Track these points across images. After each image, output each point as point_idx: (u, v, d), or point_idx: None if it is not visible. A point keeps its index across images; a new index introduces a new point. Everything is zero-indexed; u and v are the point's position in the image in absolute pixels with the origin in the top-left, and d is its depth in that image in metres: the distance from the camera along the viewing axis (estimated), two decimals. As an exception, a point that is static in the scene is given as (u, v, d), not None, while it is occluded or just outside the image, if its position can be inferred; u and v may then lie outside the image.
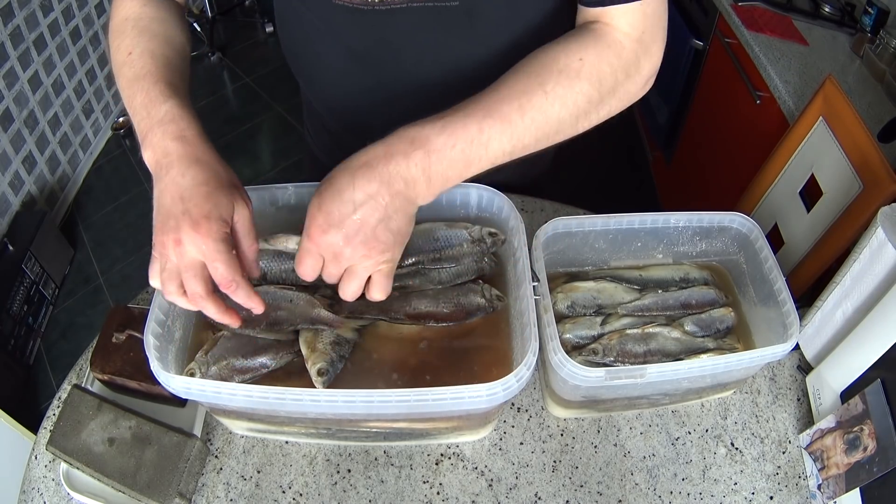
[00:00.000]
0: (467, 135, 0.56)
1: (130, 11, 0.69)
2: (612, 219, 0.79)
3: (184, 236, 0.54)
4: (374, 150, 0.56)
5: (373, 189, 0.55)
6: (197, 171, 0.56)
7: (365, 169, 0.55)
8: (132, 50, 0.65)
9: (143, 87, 0.61)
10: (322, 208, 0.56)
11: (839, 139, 1.00)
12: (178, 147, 0.57)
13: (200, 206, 0.55)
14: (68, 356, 2.03)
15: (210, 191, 0.56)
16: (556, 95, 0.58)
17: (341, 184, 0.55)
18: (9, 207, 2.11)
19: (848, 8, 1.66)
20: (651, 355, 0.76)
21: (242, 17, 3.41)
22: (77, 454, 0.70)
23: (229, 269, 0.55)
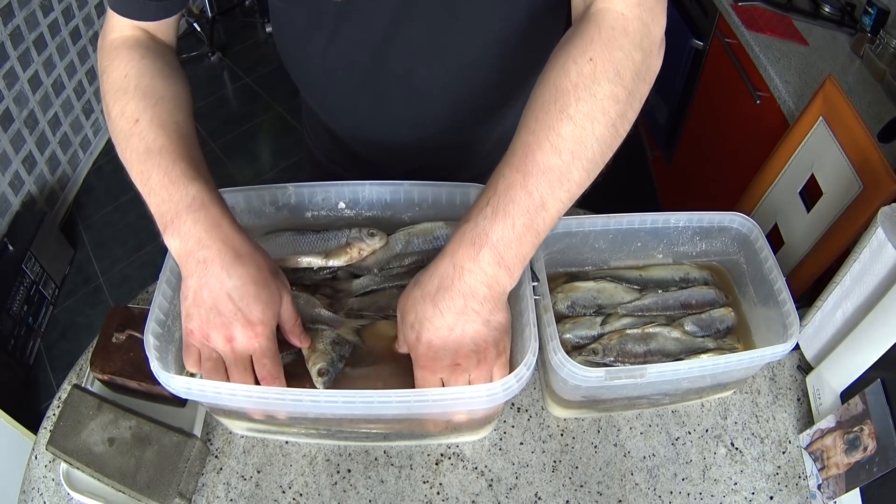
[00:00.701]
0: (520, 207, 0.52)
1: (130, 68, 0.63)
2: (612, 219, 0.79)
3: (237, 335, 0.56)
4: (441, 268, 0.56)
5: (459, 306, 0.55)
6: (241, 269, 0.56)
7: (442, 292, 0.55)
8: (139, 117, 0.60)
9: (159, 164, 0.57)
10: (422, 341, 0.57)
11: (839, 139, 1.00)
12: (215, 240, 0.55)
13: (251, 308, 0.56)
14: (68, 356, 2.03)
15: (258, 291, 0.56)
16: (584, 114, 0.53)
17: (427, 313, 0.56)
18: (9, 207, 2.11)
19: (848, 8, 1.66)
20: (651, 355, 0.76)
21: (242, 17, 3.41)
22: (77, 454, 0.70)
23: (275, 366, 0.59)
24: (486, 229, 0.53)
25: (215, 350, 0.58)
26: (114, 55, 0.65)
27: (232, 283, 0.55)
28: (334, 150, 0.99)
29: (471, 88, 0.79)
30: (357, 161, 0.96)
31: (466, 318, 0.56)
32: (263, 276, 0.57)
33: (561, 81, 0.54)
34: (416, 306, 0.58)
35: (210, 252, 0.55)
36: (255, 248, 0.59)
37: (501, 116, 0.86)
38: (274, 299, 0.58)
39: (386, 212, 0.79)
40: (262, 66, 3.10)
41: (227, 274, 0.55)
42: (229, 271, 0.55)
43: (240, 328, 0.56)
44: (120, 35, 0.67)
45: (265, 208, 0.77)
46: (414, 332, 0.58)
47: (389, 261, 0.76)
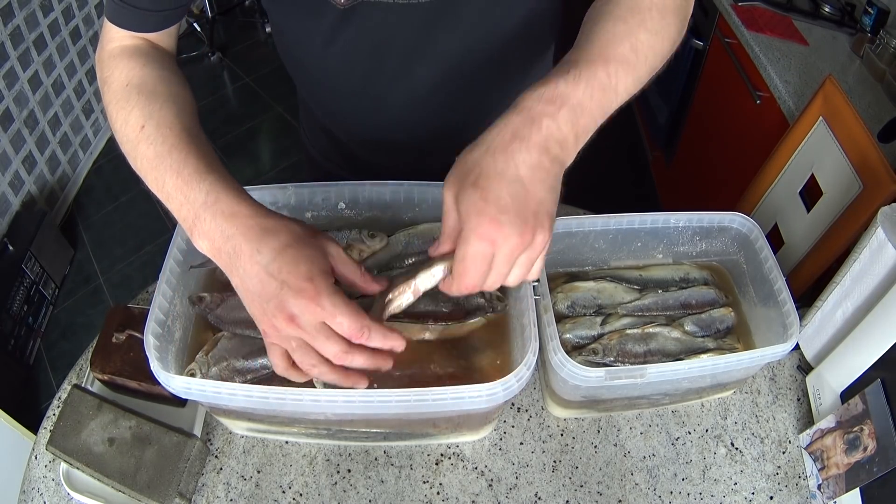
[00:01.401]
0: (600, 83, 0.53)
1: (132, 76, 0.62)
2: (612, 219, 0.79)
3: (293, 309, 0.50)
4: (515, 119, 0.50)
5: (534, 160, 0.49)
6: (271, 240, 0.51)
7: (518, 142, 0.49)
8: (144, 123, 0.58)
9: (170, 167, 0.55)
10: (489, 199, 0.48)
11: (839, 139, 1.00)
12: (236, 226, 0.52)
13: (294, 272, 0.50)
14: (68, 356, 2.03)
15: (295, 252, 0.51)
16: (657, 31, 0.58)
17: (498, 165, 0.49)
18: (9, 207, 2.11)
19: (848, 8, 1.66)
20: (651, 355, 0.76)
21: (242, 17, 3.41)
22: (77, 454, 0.70)
23: (353, 318, 0.50)
24: (568, 91, 0.51)
25: (292, 338, 0.52)
26: (114, 65, 0.64)
27: (266, 259, 0.50)
28: (331, 150, 0.99)
29: (468, 91, 0.79)
30: (354, 161, 0.96)
31: (541, 174, 0.49)
32: (297, 237, 0.52)
33: (634, 3, 0.58)
34: (480, 163, 0.49)
35: (236, 240, 0.51)
36: (282, 219, 0.53)
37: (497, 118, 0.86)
38: (318, 255, 0.52)
39: (386, 212, 0.79)
40: (262, 66, 3.10)
41: (258, 251, 0.51)
42: (259, 248, 0.51)
43: (292, 300, 0.49)
44: (119, 45, 0.66)
45: (265, 208, 0.77)
46: (478, 191, 0.48)
47: (390, 262, 0.76)
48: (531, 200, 0.49)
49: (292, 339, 0.52)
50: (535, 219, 0.49)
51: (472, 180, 0.49)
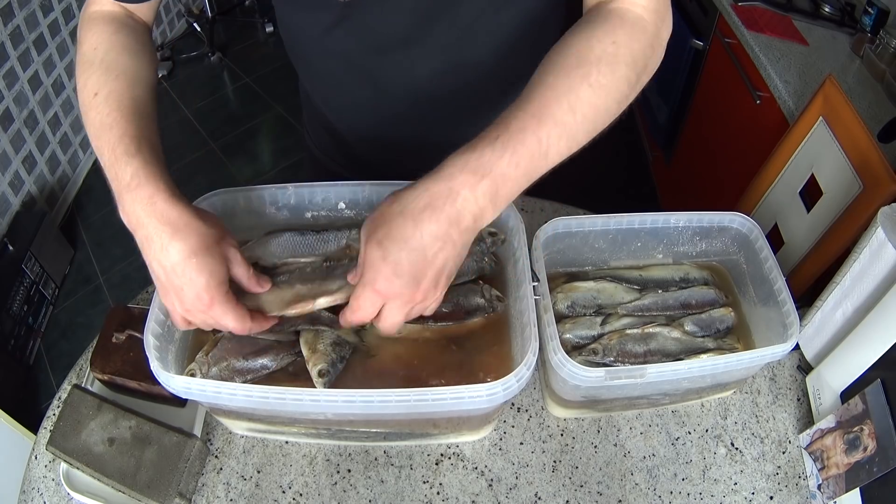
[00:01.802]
0: (528, 150, 0.53)
1: (100, 41, 0.66)
2: (612, 219, 0.79)
3: (189, 307, 0.57)
4: (434, 187, 0.52)
5: (441, 231, 0.52)
6: (179, 243, 0.55)
7: (429, 211, 0.52)
8: (98, 91, 0.62)
9: (108, 141, 0.59)
10: (388, 259, 0.52)
11: (839, 139, 1.00)
12: (151, 219, 0.56)
13: (195, 282, 0.56)
14: (68, 356, 2.03)
15: (199, 261, 0.56)
16: (601, 86, 0.56)
17: (405, 231, 0.52)
18: (9, 207, 2.11)
19: (848, 8, 1.66)
20: (651, 355, 0.76)
21: (242, 17, 3.41)
22: (77, 454, 0.70)
23: (239, 323, 0.59)
24: (492, 162, 0.52)
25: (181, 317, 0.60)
26: (89, 27, 0.67)
27: (172, 259, 0.56)
28: (334, 149, 0.99)
29: (469, 86, 0.79)
30: (355, 159, 0.96)
31: (443, 244, 0.53)
32: (204, 244, 0.57)
33: (584, 53, 0.57)
34: (391, 222, 0.53)
35: (147, 230, 0.56)
36: (193, 217, 0.57)
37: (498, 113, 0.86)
38: (218, 266, 0.58)
39: (386, 212, 0.79)
40: (262, 66, 3.10)
41: (166, 251, 0.56)
42: (167, 248, 0.55)
43: (189, 303, 0.57)
44: (99, 8, 0.69)
45: (265, 208, 0.77)
46: (381, 250, 0.53)
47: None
48: (429, 268, 0.53)
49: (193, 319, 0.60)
50: (429, 282, 0.54)
51: (379, 238, 0.53)
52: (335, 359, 0.67)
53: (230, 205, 0.75)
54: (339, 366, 0.68)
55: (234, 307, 0.59)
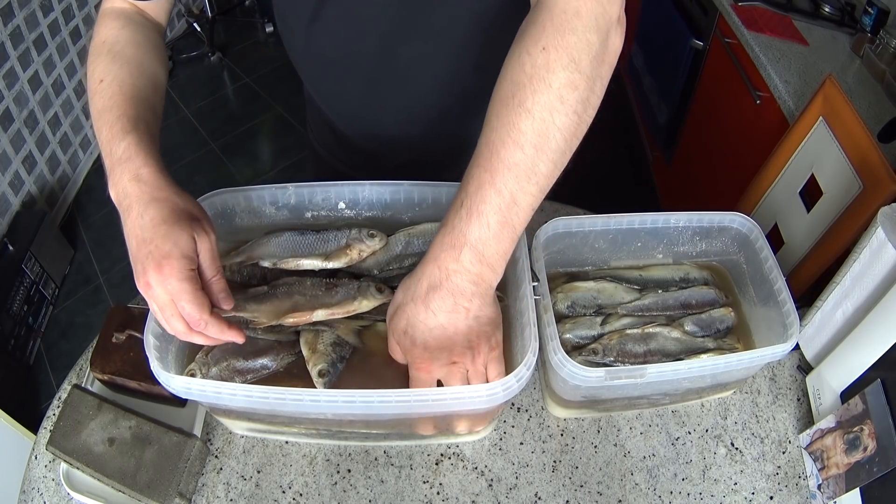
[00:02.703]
0: (491, 206, 0.53)
1: (109, 34, 0.69)
2: (612, 219, 0.79)
3: (150, 279, 0.55)
4: (428, 271, 0.57)
5: (450, 305, 0.57)
6: (154, 210, 0.56)
7: (432, 293, 0.57)
8: (103, 77, 0.64)
9: (107, 121, 0.61)
10: (416, 343, 0.58)
11: (839, 139, 1.00)
12: (135, 188, 0.58)
13: (160, 247, 0.55)
14: (68, 356, 2.03)
15: (168, 229, 0.56)
16: (541, 107, 0.51)
17: (420, 315, 0.58)
18: (9, 207, 2.11)
19: (848, 8, 1.66)
20: (651, 355, 0.76)
21: (242, 17, 3.41)
22: (77, 454, 0.70)
23: (195, 307, 0.56)
24: (464, 231, 0.54)
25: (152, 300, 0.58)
26: (101, 22, 0.70)
27: (143, 224, 0.56)
28: (334, 143, 0.99)
29: (456, 72, 0.79)
30: (355, 153, 0.96)
31: (457, 315, 0.57)
32: (176, 216, 0.57)
33: (517, 75, 0.53)
34: (405, 311, 0.59)
35: (130, 199, 0.57)
36: (175, 193, 0.59)
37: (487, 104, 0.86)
38: (185, 238, 0.56)
39: (386, 212, 0.79)
40: (262, 66, 3.10)
41: (140, 216, 0.56)
42: (142, 213, 0.56)
43: (152, 271, 0.55)
44: (111, 5, 0.72)
45: (265, 208, 0.77)
46: (408, 337, 0.59)
47: (390, 262, 0.76)
48: (456, 335, 0.58)
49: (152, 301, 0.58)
50: (462, 347, 0.58)
51: (403, 328, 0.59)
52: (335, 359, 0.67)
53: (230, 205, 0.75)
54: (339, 366, 0.68)
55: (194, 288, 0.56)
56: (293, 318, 0.67)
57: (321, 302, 0.68)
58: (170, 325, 0.58)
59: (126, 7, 0.72)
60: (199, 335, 0.59)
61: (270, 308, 0.67)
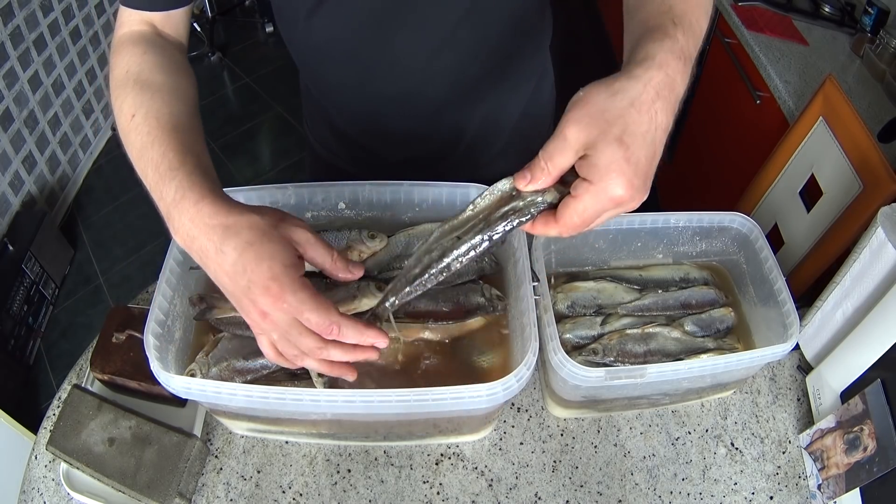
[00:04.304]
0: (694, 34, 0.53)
1: (131, 63, 0.64)
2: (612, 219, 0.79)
3: (263, 307, 0.51)
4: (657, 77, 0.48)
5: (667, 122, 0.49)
6: (233, 240, 0.51)
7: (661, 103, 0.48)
8: (135, 112, 0.59)
9: (151, 159, 0.56)
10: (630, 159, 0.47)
11: (839, 139, 1.00)
12: (199, 226, 0.52)
13: (258, 271, 0.50)
14: (68, 356, 2.03)
15: (258, 250, 0.51)
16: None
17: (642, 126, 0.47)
18: (9, 207, 2.11)
19: (848, 8, 1.66)
20: (651, 355, 0.76)
21: (242, 17, 3.41)
22: (77, 454, 0.70)
23: (321, 313, 0.51)
24: (684, 45, 0.51)
25: (271, 331, 0.53)
26: (119, 51, 0.66)
27: (230, 260, 0.51)
28: (332, 140, 0.99)
29: (451, 63, 0.79)
30: (355, 152, 0.96)
31: (665, 136, 0.49)
32: (259, 232, 0.52)
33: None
34: (625, 117, 0.47)
35: (200, 241, 0.52)
36: (242, 212, 0.53)
37: (485, 99, 0.86)
38: (280, 249, 0.52)
39: (386, 212, 0.79)
40: (262, 66, 3.10)
41: (223, 253, 0.51)
42: (222, 249, 0.51)
43: (261, 299, 0.50)
44: (128, 30, 0.68)
45: (265, 208, 0.77)
46: (623, 149, 0.46)
47: (390, 262, 0.76)
48: (654, 164, 0.49)
49: (272, 331, 0.53)
50: (648, 183, 0.49)
51: (617, 134, 0.47)
52: (335, 359, 0.67)
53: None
54: (339, 366, 0.67)
55: (312, 294, 0.51)
56: None
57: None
58: (301, 346, 0.53)
59: (144, 30, 0.68)
60: (335, 346, 0.54)
61: None
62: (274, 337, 0.53)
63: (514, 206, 0.52)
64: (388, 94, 0.83)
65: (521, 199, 0.52)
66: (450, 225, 0.54)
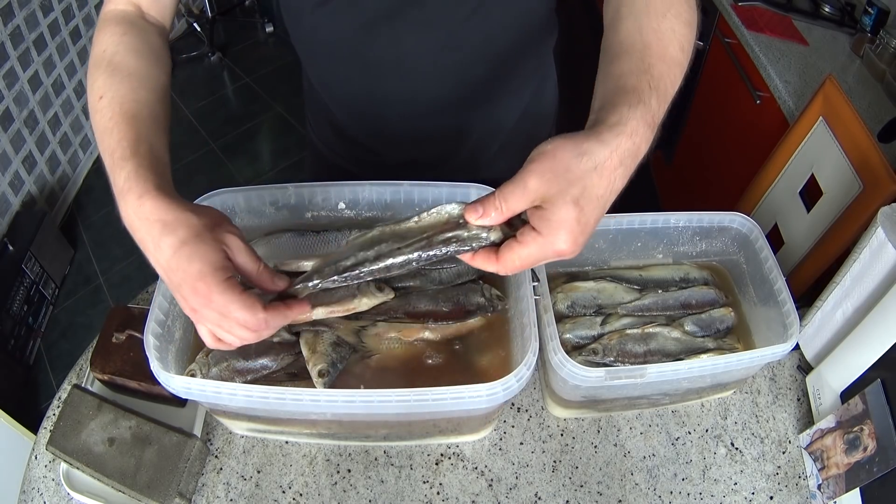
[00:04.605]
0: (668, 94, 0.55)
1: (109, 43, 0.66)
2: (612, 219, 0.79)
3: (193, 304, 0.53)
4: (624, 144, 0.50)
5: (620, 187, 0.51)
6: (169, 237, 0.53)
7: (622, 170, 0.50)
8: (103, 94, 0.62)
9: (108, 146, 0.59)
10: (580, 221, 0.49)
11: (839, 139, 1.00)
12: (141, 219, 0.55)
13: (188, 271, 0.53)
14: (68, 356, 2.03)
15: (190, 250, 0.53)
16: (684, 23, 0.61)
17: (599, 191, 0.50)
18: (9, 207, 2.11)
19: (848, 8, 1.66)
20: (651, 355, 0.76)
21: (242, 17, 3.41)
22: (77, 454, 0.70)
23: (247, 310, 0.53)
24: (656, 111, 0.52)
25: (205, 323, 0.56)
26: (101, 28, 0.67)
27: (166, 256, 0.53)
28: (334, 139, 0.99)
29: (457, 63, 0.79)
30: (356, 148, 0.96)
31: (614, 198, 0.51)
32: (193, 232, 0.54)
33: None
34: (585, 180, 0.49)
35: (140, 233, 0.55)
36: (183, 211, 0.55)
37: (490, 100, 0.86)
38: (210, 250, 0.53)
39: (386, 212, 0.79)
40: (262, 66, 3.10)
41: (160, 249, 0.54)
42: (160, 245, 0.54)
43: (191, 297, 0.53)
44: (113, 8, 0.69)
45: (265, 208, 0.77)
46: (577, 210, 0.49)
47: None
48: (599, 222, 0.51)
49: (206, 323, 0.55)
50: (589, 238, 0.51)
51: (575, 196, 0.49)
52: (335, 359, 0.67)
53: (230, 205, 0.75)
54: (339, 366, 0.68)
55: (239, 294, 0.53)
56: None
57: (321, 300, 0.68)
58: (236, 338, 0.55)
59: (128, 10, 0.70)
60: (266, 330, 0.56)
61: None
62: (209, 327, 0.56)
63: (458, 234, 0.54)
64: (392, 92, 0.83)
65: (467, 231, 0.54)
66: (391, 229, 0.56)
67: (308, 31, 0.81)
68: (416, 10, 0.73)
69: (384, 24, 0.74)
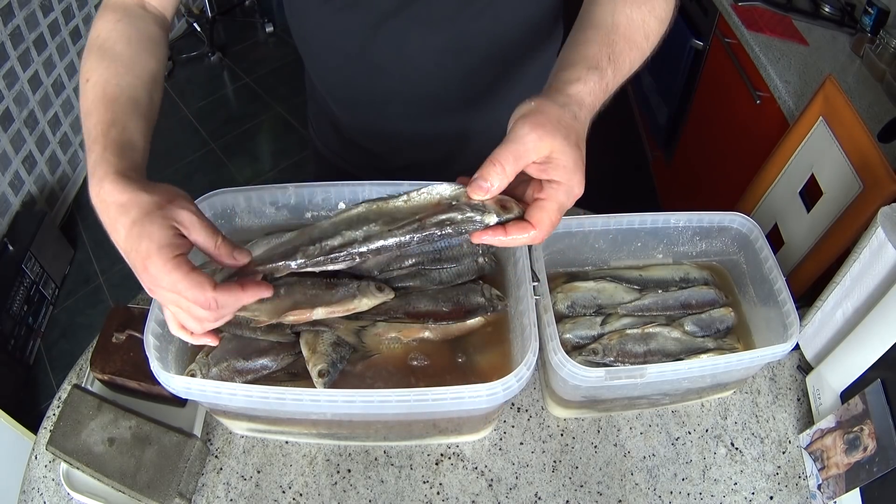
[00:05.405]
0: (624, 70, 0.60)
1: (103, 28, 0.67)
2: (612, 219, 0.79)
3: (149, 285, 0.54)
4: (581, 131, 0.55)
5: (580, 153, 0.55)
6: (123, 218, 0.54)
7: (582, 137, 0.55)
8: (89, 77, 0.63)
9: (86, 127, 0.60)
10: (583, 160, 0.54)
11: (839, 139, 1.00)
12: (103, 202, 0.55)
13: (138, 250, 0.53)
14: (68, 356, 2.03)
15: (140, 229, 0.53)
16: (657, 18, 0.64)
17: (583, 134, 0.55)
18: (9, 207, 2.11)
19: (848, 8, 1.66)
20: (651, 355, 0.76)
21: (242, 17, 3.41)
22: (77, 454, 0.70)
23: (195, 292, 0.52)
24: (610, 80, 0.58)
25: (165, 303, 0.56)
26: (100, 13, 0.69)
27: (122, 237, 0.54)
28: (337, 142, 0.99)
29: (462, 64, 0.79)
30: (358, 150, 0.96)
31: None
32: (143, 212, 0.53)
33: None
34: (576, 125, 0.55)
35: (102, 215, 0.55)
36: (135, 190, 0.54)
37: (492, 102, 0.86)
38: (157, 229, 0.53)
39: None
40: (262, 66, 3.10)
41: (116, 230, 0.54)
42: (116, 227, 0.54)
43: (142, 276, 0.53)
44: None
45: (265, 208, 0.77)
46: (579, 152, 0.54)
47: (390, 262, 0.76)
48: None
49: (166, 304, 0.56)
50: None
51: (575, 140, 0.54)
52: (335, 359, 0.67)
53: (230, 205, 0.75)
54: (339, 366, 0.67)
55: (186, 273, 0.52)
56: (293, 315, 0.67)
57: (321, 300, 0.68)
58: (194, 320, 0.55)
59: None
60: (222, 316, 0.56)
61: (270, 307, 0.67)
62: (172, 309, 0.56)
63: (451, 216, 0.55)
64: (396, 93, 0.83)
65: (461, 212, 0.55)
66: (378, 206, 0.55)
67: (312, 28, 0.81)
68: (422, 9, 0.73)
69: (390, 22, 0.74)
